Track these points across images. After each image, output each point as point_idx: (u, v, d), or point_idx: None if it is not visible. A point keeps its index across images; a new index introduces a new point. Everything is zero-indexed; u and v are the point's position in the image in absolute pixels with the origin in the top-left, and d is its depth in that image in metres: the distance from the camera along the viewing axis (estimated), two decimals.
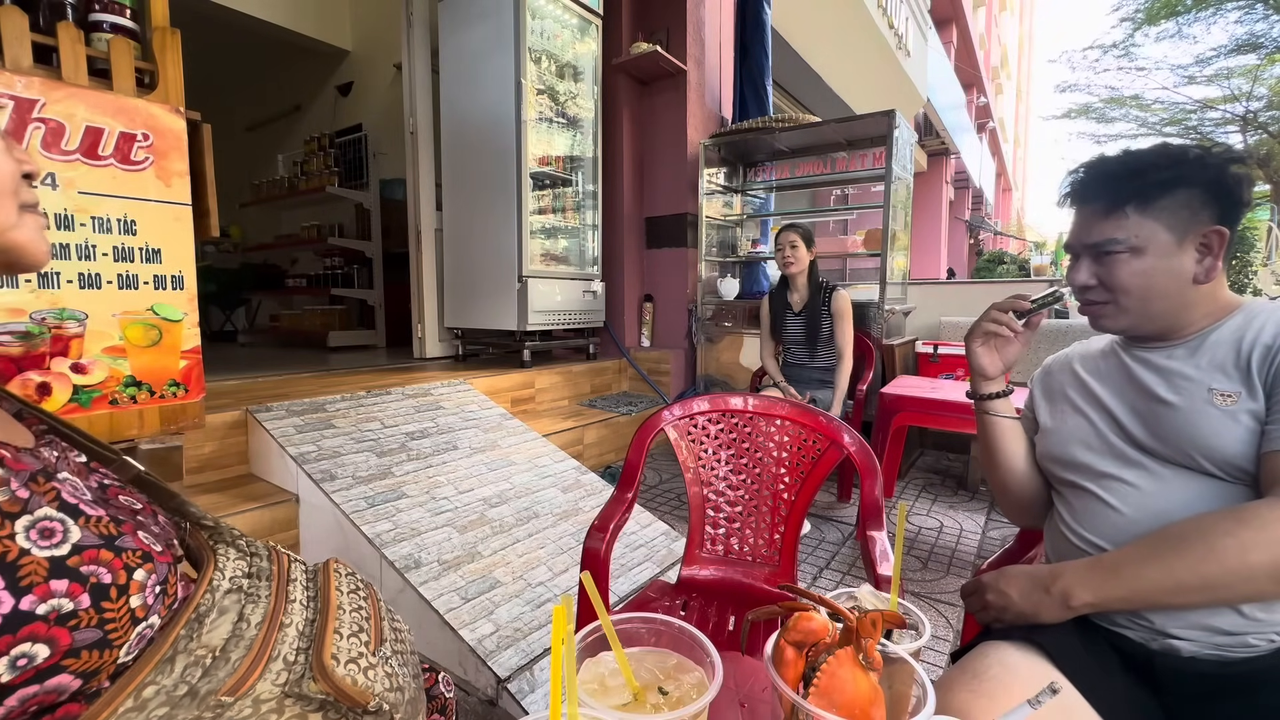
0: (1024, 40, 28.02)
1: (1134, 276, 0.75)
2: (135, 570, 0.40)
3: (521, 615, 1.47)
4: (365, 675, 0.46)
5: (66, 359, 1.27)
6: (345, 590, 0.53)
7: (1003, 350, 0.88)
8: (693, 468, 1.23)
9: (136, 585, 0.40)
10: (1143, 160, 0.75)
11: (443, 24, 3.27)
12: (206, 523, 0.53)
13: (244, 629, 0.45)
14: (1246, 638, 0.67)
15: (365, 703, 0.45)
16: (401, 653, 0.53)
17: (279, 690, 0.43)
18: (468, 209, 3.27)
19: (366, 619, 0.51)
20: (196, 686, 0.41)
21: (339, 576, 0.54)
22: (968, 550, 2.14)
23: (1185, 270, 0.73)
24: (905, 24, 6.88)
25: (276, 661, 0.44)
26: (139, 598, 0.40)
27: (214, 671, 0.42)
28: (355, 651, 0.47)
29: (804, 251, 2.52)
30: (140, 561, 0.41)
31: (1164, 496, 0.73)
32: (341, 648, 0.46)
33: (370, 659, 0.47)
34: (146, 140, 1.34)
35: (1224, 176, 0.72)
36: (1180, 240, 0.73)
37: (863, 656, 0.44)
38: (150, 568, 0.41)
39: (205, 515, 0.53)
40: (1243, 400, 0.69)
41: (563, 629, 0.38)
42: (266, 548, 0.54)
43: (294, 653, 0.45)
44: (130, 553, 0.40)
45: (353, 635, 0.48)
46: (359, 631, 0.49)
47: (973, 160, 13.03)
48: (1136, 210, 0.73)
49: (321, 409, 2.06)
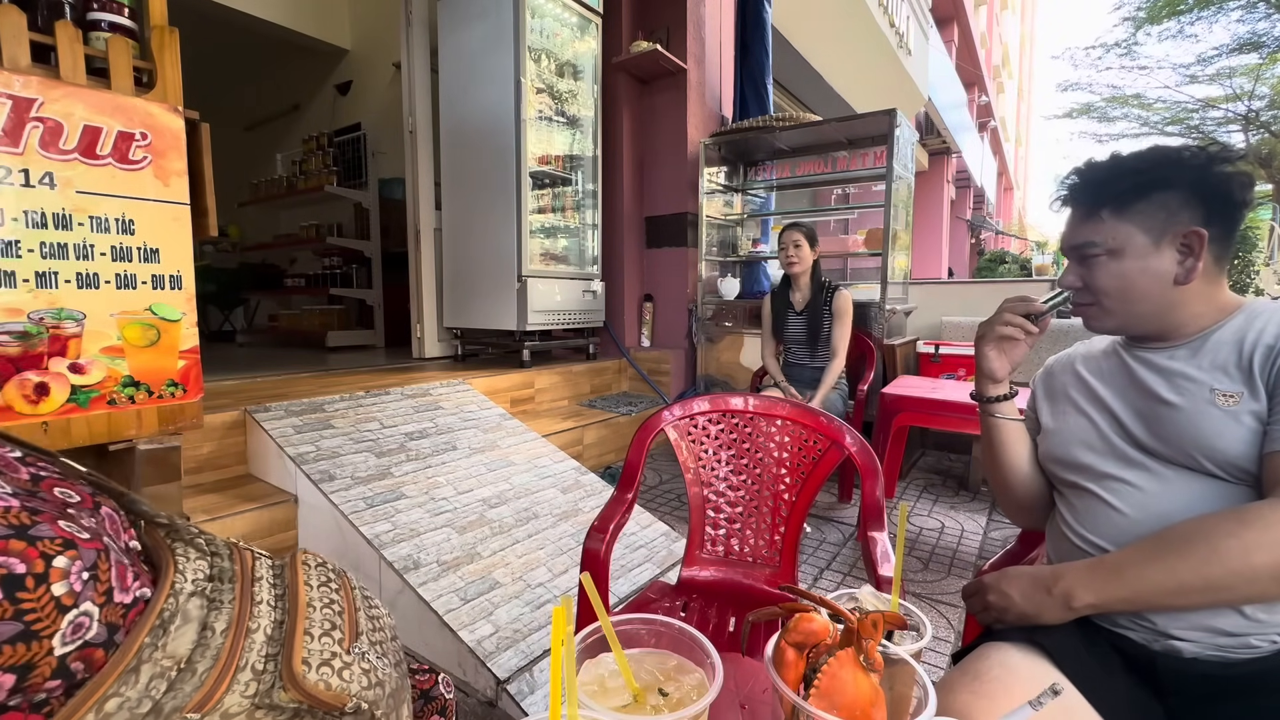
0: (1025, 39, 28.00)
1: (1112, 278, 0.76)
2: (55, 558, 0.38)
3: (521, 616, 1.46)
4: (340, 677, 0.44)
5: (64, 359, 1.27)
6: (315, 584, 0.51)
7: (1010, 352, 0.88)
8: (693, 468, 1.23)
9: (58, 573, 0.38)
10: (1122, 165, 0.77)
11: (442, 23, 3.26)
12: (161, 520, 0.51)
13: (209, 637, 0.43)
14: (1249, 639, 0.67)
15: (342, 705, 0.44)
16: (380, 643, 0.51)
17: (248, 703, 0.42)
18: (467, 208, 3.27)
19: (340, 613, 0.50)
20: (161, 703, 0.39)
21: (308, 570, 0.52)
22: (969, 551, 2.14)
23: (1165, 271, 0.74)
24: (906, 22, 6.88)
25: (244, 671, 0.43)
26: (63, 585, 0.38)
27: (179, 685, 0.40)
28: (328, 653, 0.45)
29: (807, 251, 2.52)
30: (60, 549, 0.39)
31: (1166, 497, 0.73)
32: (313, 650, 0.45)
33: (345, 658, 0.46)
34: (145, 139, 1.34)
35: (1206, 177, 0.73)
36: (1157, 242, 0.74)
37: (864, 658, 0.43)
38: (74, 554, 0.39)
39: (159, 513, 0.51)
40: (1245, 401, 0.69)
41: (562, 630, 0.38)
42: (227, 545, 0.52)
43: (262, 660, 0.44)
44: (48, 541, 0.39)
45: (325, 635, 0.47)
46: (331, 629, 0.48)
47: (974, 159, 13.03)
48: (1112, 213, 0.76)
49: (320, 409, 2.06)
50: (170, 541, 0.49)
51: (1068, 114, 13.37)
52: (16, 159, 1.18)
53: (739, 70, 3.79)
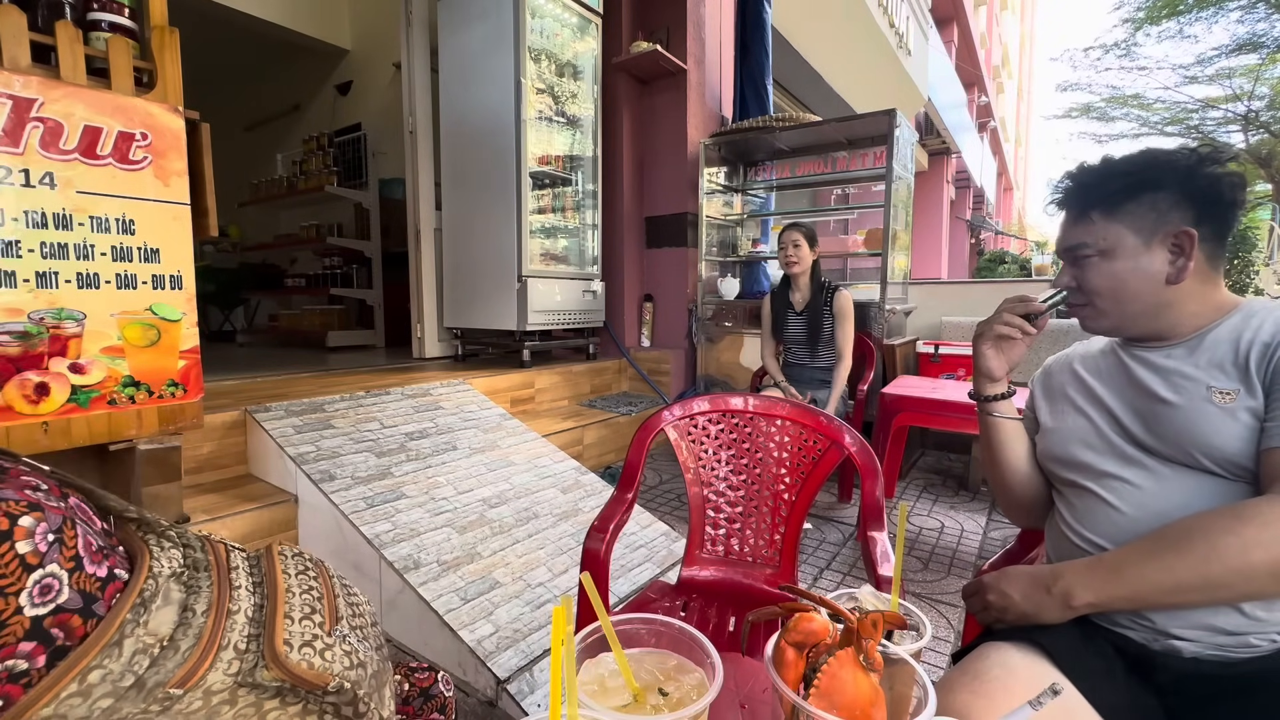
0: (1025, 39, 27.99)
1: (1104, 278, 0.78)
2: (20, 517, 0.39)
3: (521, 616, 1.46)
4: (322, 657, 0.45)
5: (65, 359, 1.27)
6: (293, 572, 0.52)
7: (1009, 351, 0.89)
8: (693, 468, 1.23)
9: (23, 531, 0.38)
10: (1113, 167, 0.78)
11: (442, 23, 3.26)
12: (130, 514, 0.51)
13: (190, 617, 0.44)
14: (1248, 637, 0.67)
15: (324, 684, 0.44)
16: (361, 627, 0.52)
17: (231, 680, 0.42)
18: (467, 208, 3.27)
19: (319, 599, 0.50)
20: (144, 678, 0.40)
21: (284, 559, 0.53)
22: (969, 551, 2.14)
23: (1156, 271, 0.75)
24: (906, 23, 6.88)
25: (227, 650, 0.43)
26: (27, 543, 0.38)
27: (162, 662, 0.41)
28: (309, 634, 0.46)
29: (807, 251, 2.52)
30: (26, 510, 0.39)
31: (1164, 495, 0.73)
32: (294, 632, 0.45)
33: (326, 639, 0.47)
34: (145, 139, 1.34)
35: (1195, 178, 0.73)
36: (1148, 242, 0.75)
37: (863, 657, 0.43)
38: (39, 516, 0.40)
39: (129, 507, 0.52)
40: (1241, 398, 0.69)
41: (562, 630, 0.38)
42: (199, 539, 0.53)
43: (244, 640, 0.45)
44: (12, 502, 0.39)
45: (305, 618, 0.47)
46: (311, 614, 0.48)
47: (974, 159, 13.02)
48: (1102, 215, 0.77)
49: (320, 409, 2.06)
50: (142, 534, 0.50)
51: (1067, 114, 13.37)
52: (17, 159, 1.18)
53: (739, 70, 3.79)
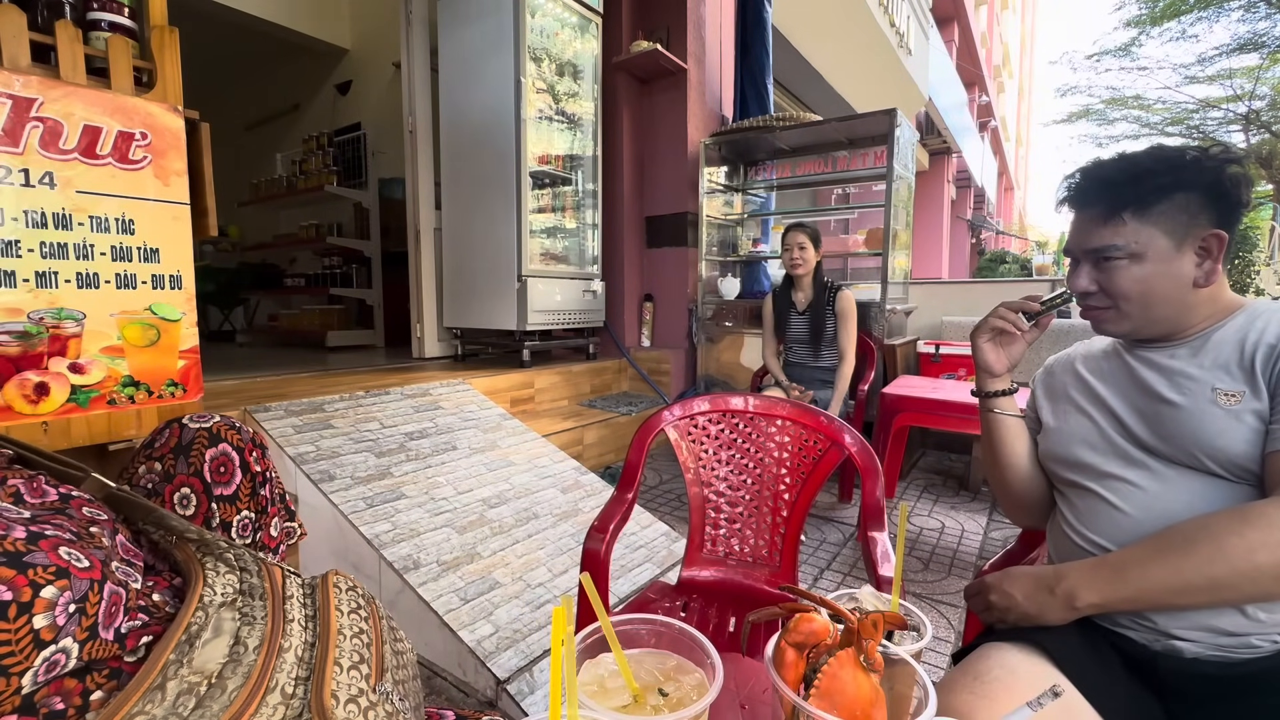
0: (1026, 38, 27.97)
1: (1134, 283, 0.75)
2: (44, 587, 0.37)
3: (521, 616, 1.46)
4: (365, 717, 0.43)
5: (64, 359, 1.27)
6: (346, 610, 0.50)
7: (1008, 348, 0.88)
8: (693, 468, 1.23)
9: (43, 604, 0.36)
10: (1140, 165, 0.75)
11: (442, 22, 3.26)
12: (190, 535, 0.50)
13: (241, 653, 0.42)
14: (1250, 639, 0.67)
15: None
16: (403, 681, 0.50)
17: None
18: (467, 208, 3.27)
19: (368, 645, 0.49)
20: None
21: (339, 593, 0.51)
22: (969, 551, 2.13)
23: (1185, 274, 0.73)
24: (906, 22, 6.88)
25: (274, 694, 0.42)
26: (45, 617, 0.36)
27: (208, 703, 0.39)
28: (356, 688, 0.44)
29: (811, 252, 2.52)
30: (52, 578, 0.38)
31: (1168, 497, 0.73)
32: (341, 683, 0.44)
33: (371, 696, 0.45)
34: (145, 139, 1.34)
35: (1222, 179, 0.72)
36: (1179, 245, 0.73)
37: (864, 658, 0.43)
38: (65, 584, 0.38)
39: (189, 527, 0.51)
40: (1246, 400, 0.69)
41: (562, 630, 0.37)
42: (256, 561, 0.51)
43: (292, 683, 0.43)
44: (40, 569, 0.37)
45: (353, 667, 0.46)
46: (360, 662, 0.46)
47: (974, 159, 13.01)
48: (1134, 216, 0.73)
49: (320, 409, 2.05)
50: (200, 556, 0.49)
51: (1067, 118, 13.36)
52: (16, 159, 1.17)
53: (739, 70, 3.79)
